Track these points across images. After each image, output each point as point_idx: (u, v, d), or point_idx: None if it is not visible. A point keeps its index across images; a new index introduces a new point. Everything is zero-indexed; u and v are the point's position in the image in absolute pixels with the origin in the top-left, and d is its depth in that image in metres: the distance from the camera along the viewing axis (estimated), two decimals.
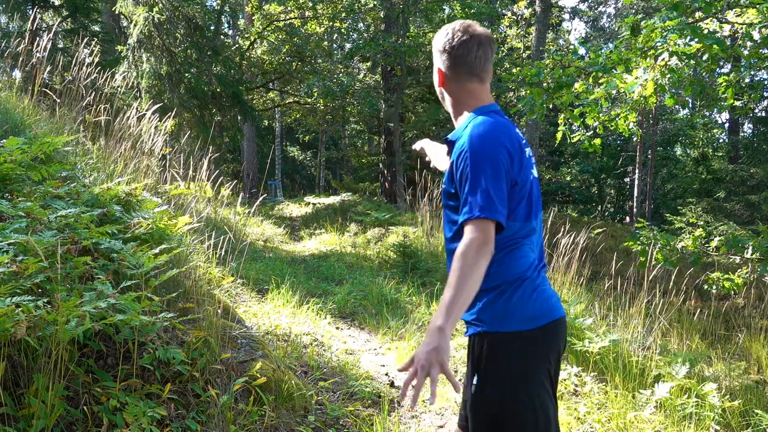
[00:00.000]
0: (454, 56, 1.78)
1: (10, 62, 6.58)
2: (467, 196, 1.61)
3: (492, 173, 1.61)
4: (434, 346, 1.46)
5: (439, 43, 1.80)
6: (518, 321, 1.68)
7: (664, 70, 4.33)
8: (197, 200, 5.71)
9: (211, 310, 3.05)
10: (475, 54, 1.76)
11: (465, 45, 1.77)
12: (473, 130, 1.70)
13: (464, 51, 1.77)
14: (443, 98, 1.88)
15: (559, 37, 22.94)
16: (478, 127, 1.70)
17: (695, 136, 20.25)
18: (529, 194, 1.73)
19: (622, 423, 3.23)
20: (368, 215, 10.53)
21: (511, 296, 1.68)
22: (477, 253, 1.54)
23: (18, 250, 2.19)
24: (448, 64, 1.80)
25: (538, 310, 1.70)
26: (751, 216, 15.24)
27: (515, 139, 1.72)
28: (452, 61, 1.79)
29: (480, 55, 1.77)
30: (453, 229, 1.75)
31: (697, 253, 5.11)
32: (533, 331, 1.68)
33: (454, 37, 1.77)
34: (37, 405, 2.03)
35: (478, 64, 1.78)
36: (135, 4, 10.54)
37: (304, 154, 30.06)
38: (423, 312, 5.10)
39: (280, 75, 17.71)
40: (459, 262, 1.54)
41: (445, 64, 1.80)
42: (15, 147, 2.90)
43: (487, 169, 1.61)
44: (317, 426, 2.92)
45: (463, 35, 1.77)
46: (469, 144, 1.66)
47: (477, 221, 1.57)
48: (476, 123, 1.72)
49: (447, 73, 1.81)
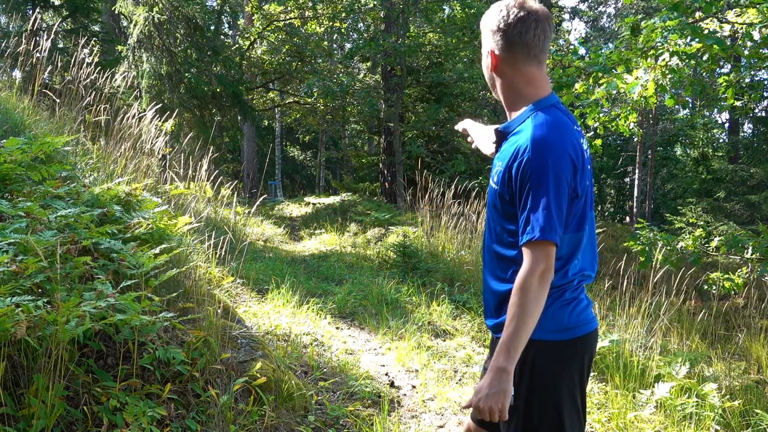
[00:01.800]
0: (510, 35, 1.59)
1: (10, 62, 6.59)
2: (529, 214, 1.50)
3: (555, 188, 1.50)
4: (500, 389, 1.47)
5: (492, 21, 1.62)
6: (553, 330, 1.61)
7: (665, 70, 4.33)
8: (197, 200, 5.71)
9: (211, 310, 3.05)
10: (534, 32, 1.58)
11: (522, 22, 1.58)
12: (536, 132, 1.54)
13: (522, 29, 1.58)
14: (494, 85, 1.69)
15: (559, 37, 22.94)
16: (541, 128, 1.55)
17: (695, 136, 20.25)
18: (584, 203, 1.62)
19: (622, 423, 3.23)
20: (368, 215, 10.53)
21: (550, 305, 1.59)
22: (540, 283, 1.48)
23: (18, 250, 2.19)
24: (503, 44, 1.61)
25: (574, 321, 1.64)
26: (751, 216, 15.24)
27: (578, 144, 1.60)
28: (508, 41, 1.60)
29: (539, 33, 1.59)
30: (504, 237, 1.64)
31: (697, 253, 5.11)
32: (568, 341, 1.63)
33: (509, 13, 1.59)
34: (37, 405, 2.03)
35: (537, 43, 1.59)
36: (135, 4, 10.54)
37: (304, 154, 30.05)
38: (423, 312, 5.10)
39: (280, 75, 17.71)
40: (522, 296, 1.48)
41: (500, 45, 1.61)
42: (15, 147, 2.90)
43: (551, 183, 1.49)
44: (317, 426, 2.92)
45: (520, 11, 1.58)
46: (532, 150, 1.52)
47: (539, 244, 1.49)
48: (539, 122, 1.56)
49: (501, 55, 1.62)
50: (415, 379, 3.83)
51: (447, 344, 4.52)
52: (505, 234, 1.64)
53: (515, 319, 1.48)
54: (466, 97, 16.67)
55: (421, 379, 3.80)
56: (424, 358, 4.10)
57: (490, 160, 1.82)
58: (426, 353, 4.19)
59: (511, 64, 1.62)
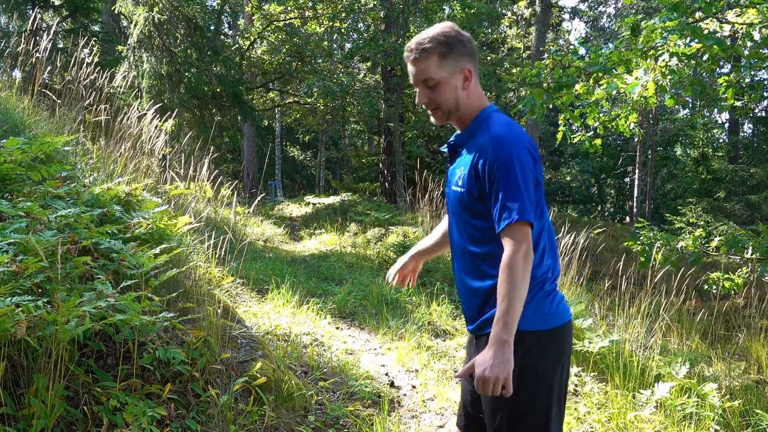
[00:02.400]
0: (473, 54, 1.74)
1: (10, 62, 6.58)
2: (503, 202, 1.61)
3: (522, 176, 1.62)
4: (503, 359, 1.54)
5: (457, 43, 1.72)
6: (539, 321, 1.70)
7: (665, 70, 4.32)
8: (197, 200, 5.71)
9: (211, 310, 3.05)
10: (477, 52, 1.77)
11: (472, 42, 1.75)
12: (495, 131, 1.68)
13: (474, 48, 1.74)
14: (457, 105, 1.75)
15: (559, 37, 22.94)
16: (499, 128, 1.69)
17: (695, 136, 20.25)
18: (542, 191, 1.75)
19: (622, 423, 3.23)
20: (368, 215, 10.52)
21: (533, 298, 1.68)
22: (525, 260, 1.58)
23: (18, 250, 2.19)
24: (471, 62, 1.74)
25: (554, 311, 1.73)
26: (751, 216, 15.24)
27: (530, 139, 1.74)
28: (473, 59, 1.74)
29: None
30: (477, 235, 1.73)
31: (697, 253, 5.11)
32: (552, 330, 1.72)
33: (462, 35, 1.72)
34: (37, 405, 2.03)
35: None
36: (135, 4, 10.54)
37: (304, 154, 30.05)
38: (423, 312, 5.10)
39: (280, 75, 17.70)
40: (510, 273, 1.57)
41: (470, 63, 1.73)
42: (15, 147, 2.90)
43: (518, 172, 1.62)
44: (317, 426, 2.92)
45: (463, 33, 1.74)
46: (496, 147, 1.65)
47: (518, 226, 1.59)
48: (494, 123, 1.71)
49: (473, 71, 1.74)
50: (415, 379, 3.83)
51: (447, 344, 4.52)
52: (477, 232, 1.72)
53: (507, 295, 1.56)
54: None
55: (421, 379, 3.80)
56: (424, 358, 4.10)
57: None
58: (426, 353, 4.19)
59: (474, 80, 1.76)
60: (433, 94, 1.72)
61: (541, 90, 5.12)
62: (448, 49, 1.69)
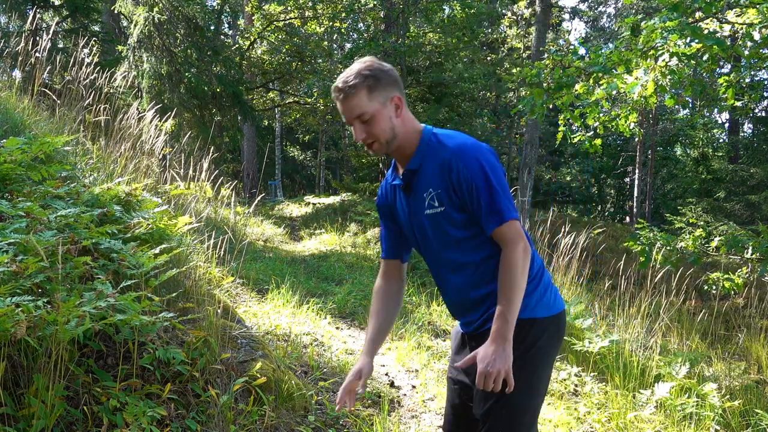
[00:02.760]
0: (398, 81, 1.75)
1: (10, 62, 6.58)
2: (489, 206, 1.65)
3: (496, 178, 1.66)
4: (505, 354, 1.60)
5: (382, 74, 1.71)
6: (543, 308, 1.77)
7: (665, 70, 4.32)
8: (197, 200, 5.71)
9: (211, 310, 3.05)
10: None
11: (393, 69, 1.76)
12: (454, 143, 1.71)
13: (397, 75, 1.76)
14: (394, 134, 1.74)
15: (559, 37, 22.94)
16: (455, 139, 1.72)
17: (695, 136, 20.25)
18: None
19: (622, 423, 3.23)
20: (368, 215, 10.53)
21: (535, 288, 1.75)
22: (524, 256, 1.64)
23: (18, 250, 2.19)
24: (399, 90, 1.74)
25: (554, 300, 1.81)
26: (751, 216, 15.24)
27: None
28: (399, 87, 1.75)
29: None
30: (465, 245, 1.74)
31: (697, 253, 5.11)
32: (554, 316, 1.78)
33: (383, 65, 1.74)
34: (37, 405, 2.03)
35: None
36: (135, 4, 10.54)
37: (304, 154, 30.04)
38: (423, 312, 5.10)
39: (280, 75, 17.70)
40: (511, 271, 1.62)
41: (398, 91, 1.74)
42: (15, 147, 2.90)
43: (491, 175, 1.66)
44: (317, 426, 2.92)
45: (381, 63, 1.74)
46: (463, 158, 1.67)
47: (509, 225, 1.65)
48: (447, 137, 1.74)
49: (402, 99, 1.75)
50: (415, 379, 3.83)
51: (447, 344, 4.52)
52: (463, 242, 1.75)
53: (509, 292, 1.62)
54: (466, 97, 16.68)
55: (421, 379, 3.80)
56: (424, 358, 4.10)
57: None
58: (426, 353, 4.19)
59: (405, 106, 1.76)
60: (369, 128, 1.72)
61: (541, 90, 5.12)
62: (375, 82, 1.69)
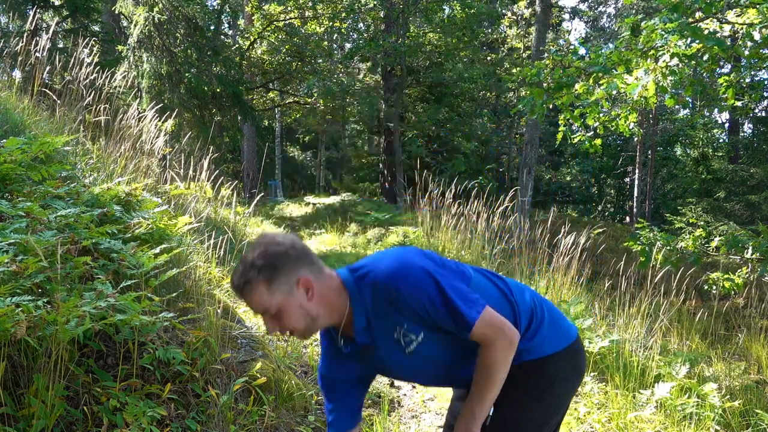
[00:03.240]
0: (299, 256, 1.50)
1: (10, 62, 6.58)
2: (452, 315, 1.48)
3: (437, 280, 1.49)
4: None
5: (279, 259, 1.47)
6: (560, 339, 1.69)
7: (665, 71, 4.32)
8: (197, 200, 5.70)
9: (211, 310, 3.05)
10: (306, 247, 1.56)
11: (298, 241, 1.54)
12: (381, 276, 1.51)
13: (304, 246, 1.54)
14: (313, 318, 1.51)
15: (559, 37, 22.94)
16: (380, 270, 1.52)
17: (695, 136, 20.25)
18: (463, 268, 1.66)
19: (622, 423, 3.23)
20: (368, 215, 10.54)
21: (540, 324, 1.67)
22: (506, 351, 1.52)
23: (18, 250, 2.19)
24: (307, 263, 1.51)
25: (566, 326, 1.75)
26: (751, 216, 15.23)
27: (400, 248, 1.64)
28: (304, 260, 1.51)
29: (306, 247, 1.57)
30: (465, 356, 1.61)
31: (697, 253, 5.11)
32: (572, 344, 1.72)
33: (279, 244, 1.49)
34: (37, 405, 2.03)
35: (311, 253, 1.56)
36: (135, 4, 10.53)
37: (304, 154, 30.05)
38: None
39: (280, 75, 17.70)
40: (490, 371, 1.53)
41: (306, 266, 1.50)
42: (15, 147, 2.90)
43: (432, 282, 1.49)
44: (317, 426, 2.92)
45: (286, 238, 1.52)
46: (399, 281, 1.49)
47: (480, 324, 1.49)
48: (370, 274, 1.53)
49: (310, 276, 1.50)
50: None
51: None
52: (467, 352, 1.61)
53: (483, 391, 1.54)
54: (466, 97, 16.70)
55: None
56: None
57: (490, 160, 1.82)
58: None
59: (317, 279, 1.52)
60: (280, 321, 1.50)
61: (541, 90, 5.11)
62: (272, 272, 1.45)
